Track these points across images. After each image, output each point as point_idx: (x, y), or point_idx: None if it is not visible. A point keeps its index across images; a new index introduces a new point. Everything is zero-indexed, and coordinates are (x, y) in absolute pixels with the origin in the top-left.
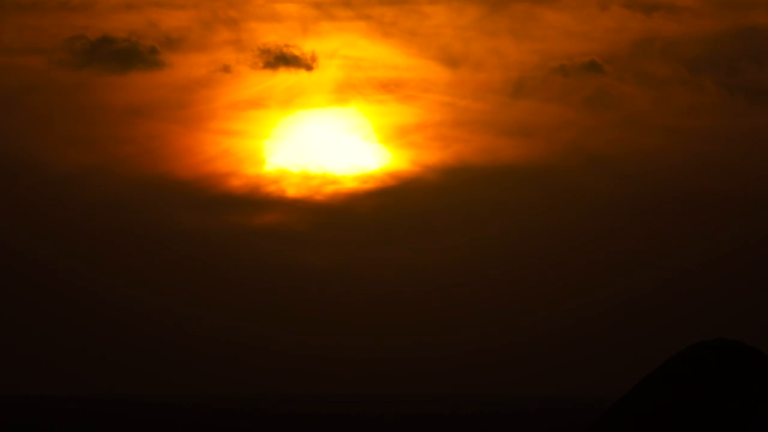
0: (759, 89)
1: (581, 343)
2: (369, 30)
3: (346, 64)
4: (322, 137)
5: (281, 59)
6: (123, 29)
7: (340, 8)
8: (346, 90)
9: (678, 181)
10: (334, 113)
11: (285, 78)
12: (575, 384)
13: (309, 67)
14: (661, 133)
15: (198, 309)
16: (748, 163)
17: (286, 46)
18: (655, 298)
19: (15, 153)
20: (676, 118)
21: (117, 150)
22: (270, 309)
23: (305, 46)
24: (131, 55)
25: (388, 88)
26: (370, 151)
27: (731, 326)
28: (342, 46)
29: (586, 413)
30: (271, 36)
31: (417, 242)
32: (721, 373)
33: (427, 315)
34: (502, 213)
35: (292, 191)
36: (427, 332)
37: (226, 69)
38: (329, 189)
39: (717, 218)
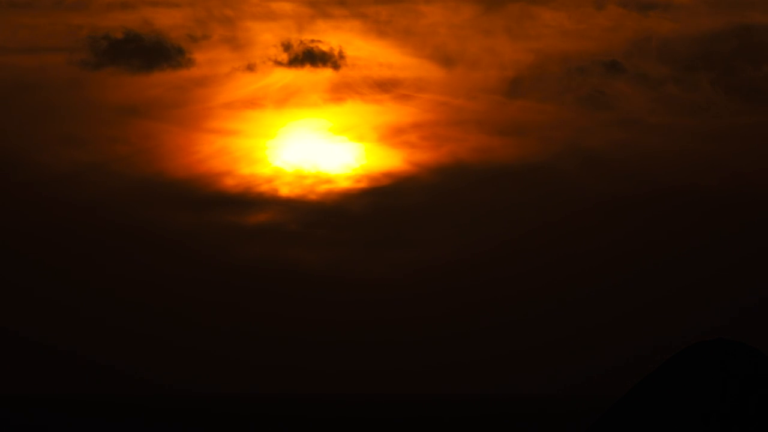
0: (755, 88)
1: (580, 343)
2: (364, 29)
3: (341, 62)
4: (316, 136)
5: (308, 57)
6: (120, 28)
7: (335, 7)
8: (341, 89)
9: (674, 180)
10: (329, 112)
11: (281, 77)
12: (575, 384)
13: (336, 66)
14: (656, 132)
15: (193, 308)
16: (744, 162)
17: (311, 41)
18: (653, 298)
19: (12, 151)
20: (671, 117)
21: (111, 149)
22: (265, 308)
23: (332, 42)
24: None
25: (384, 87)
26: (364, 150)
27: (731, 326)
28: (337, 45)
29: (586, 413)
30: (266, 35)
31: (411, 242)
32: (721, 373)
33: (422, 314)
34: (496, 212)
35: (285, 190)
36: (422, 332)
37: (249, 67)
38: (323, 188)
39: (715, 217)
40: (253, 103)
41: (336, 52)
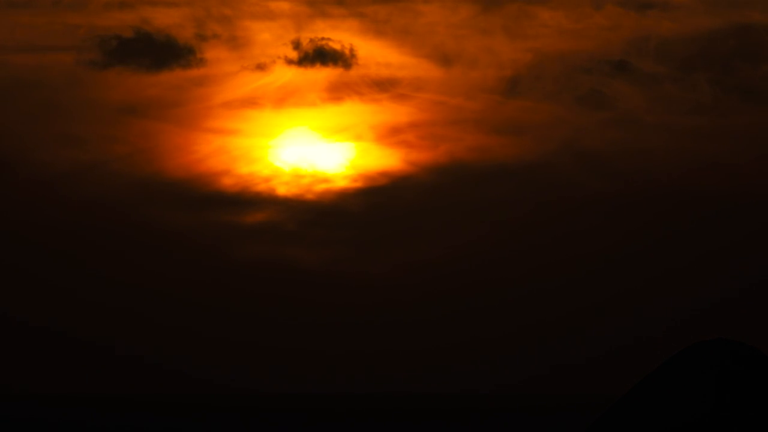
0: (753, 88)
1: (579, 342)
2: (362, 28)
3: (352, 61)
4: (314, 135)
5: (320, 55)
6: (117, 27)
7: (333, 6)
8: (339, 88)
9: (672, 180)
10: (327, 111)
11: (280, 76)
12: (575, 384)
13: (348, 65)
14: (654, 132)
15: (191, 308)
16: (742, 162)
17: (322, 39)
18: (652, 298)
19: (12, 150)
20: (669, 116)
21: (111, 148)
22: (261, 308)
23: (344, 41)
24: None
25: (382, 86)
26: (361, 150)
27: (731, 326)
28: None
29: (586, 413)
30: (264, 34)
31: (408, 241)
32: (721, 373)
33: (419, 314)
34: (494, 211)
35: (282, 190)
36: (419, 331)
37: (259, 67)
38: (320, 187)
39: (713, 217)
40: (252, 102)
41: (347, 51)
